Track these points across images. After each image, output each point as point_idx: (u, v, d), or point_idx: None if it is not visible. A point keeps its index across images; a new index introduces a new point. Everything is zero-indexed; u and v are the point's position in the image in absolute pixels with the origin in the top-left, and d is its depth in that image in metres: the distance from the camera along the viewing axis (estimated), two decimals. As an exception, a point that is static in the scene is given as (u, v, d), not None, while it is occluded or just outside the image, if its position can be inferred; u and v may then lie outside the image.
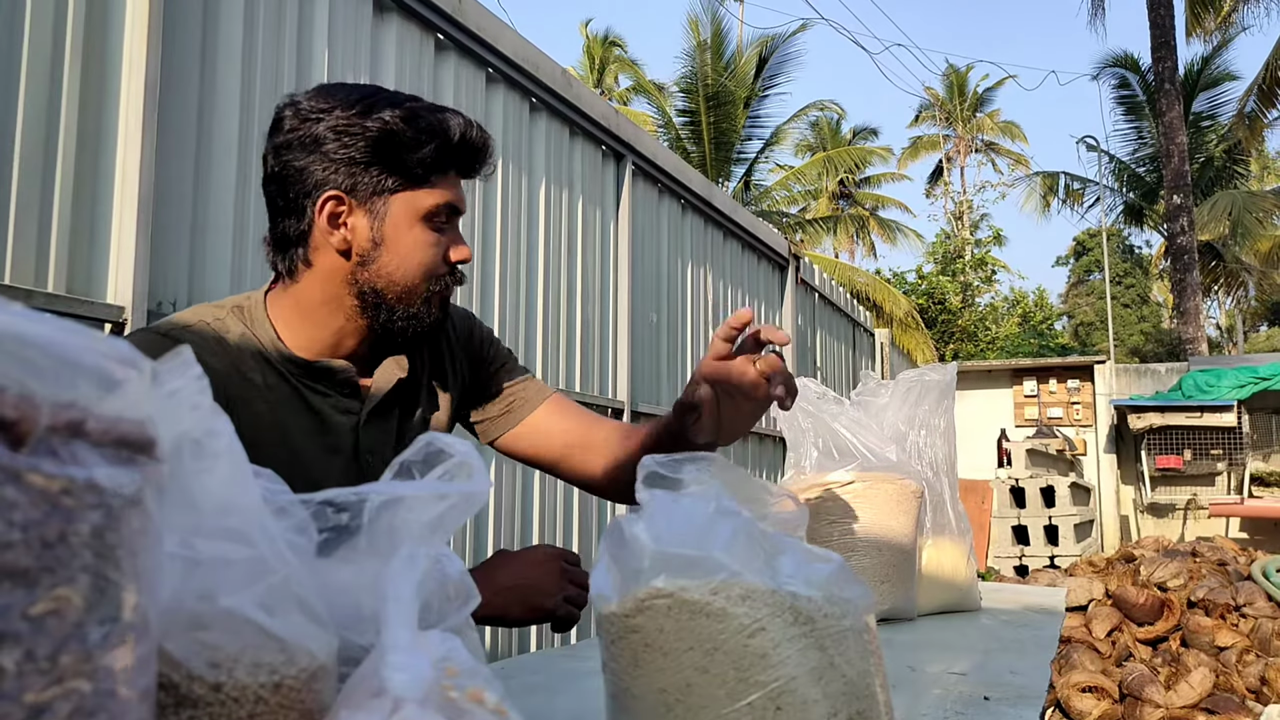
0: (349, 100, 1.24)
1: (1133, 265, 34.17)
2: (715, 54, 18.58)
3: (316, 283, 1.30)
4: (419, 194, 1.28)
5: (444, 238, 1.32)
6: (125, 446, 0.34)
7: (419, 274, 1.30)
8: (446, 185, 1.31)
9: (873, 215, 26.81)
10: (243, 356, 1.28)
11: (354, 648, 0.52)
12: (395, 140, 1.24)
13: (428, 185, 1.28)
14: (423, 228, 1.29)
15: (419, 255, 1.29)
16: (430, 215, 1.29)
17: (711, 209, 5.87)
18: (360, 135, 1.23)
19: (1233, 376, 10.53)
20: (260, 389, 1.28)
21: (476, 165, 1.34)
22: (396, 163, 1.25)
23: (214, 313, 1.32)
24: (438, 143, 1.27)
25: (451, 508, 0.52)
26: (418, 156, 1.26)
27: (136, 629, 0.34)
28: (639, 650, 0.64)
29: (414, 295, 1.30)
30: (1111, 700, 4.30)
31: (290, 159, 1.25)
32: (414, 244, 1.29)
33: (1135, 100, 20.66)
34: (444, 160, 1.29)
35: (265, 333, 1.31)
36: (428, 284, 1.31)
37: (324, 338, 1.33)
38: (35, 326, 0.31)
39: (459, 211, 1.34)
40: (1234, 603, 4.87)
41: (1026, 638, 1.69)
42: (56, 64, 2.18)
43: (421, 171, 1.27)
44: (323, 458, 1.32)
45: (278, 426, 1.28)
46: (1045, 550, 9.38)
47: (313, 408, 1.32)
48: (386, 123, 1.23)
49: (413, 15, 3.31)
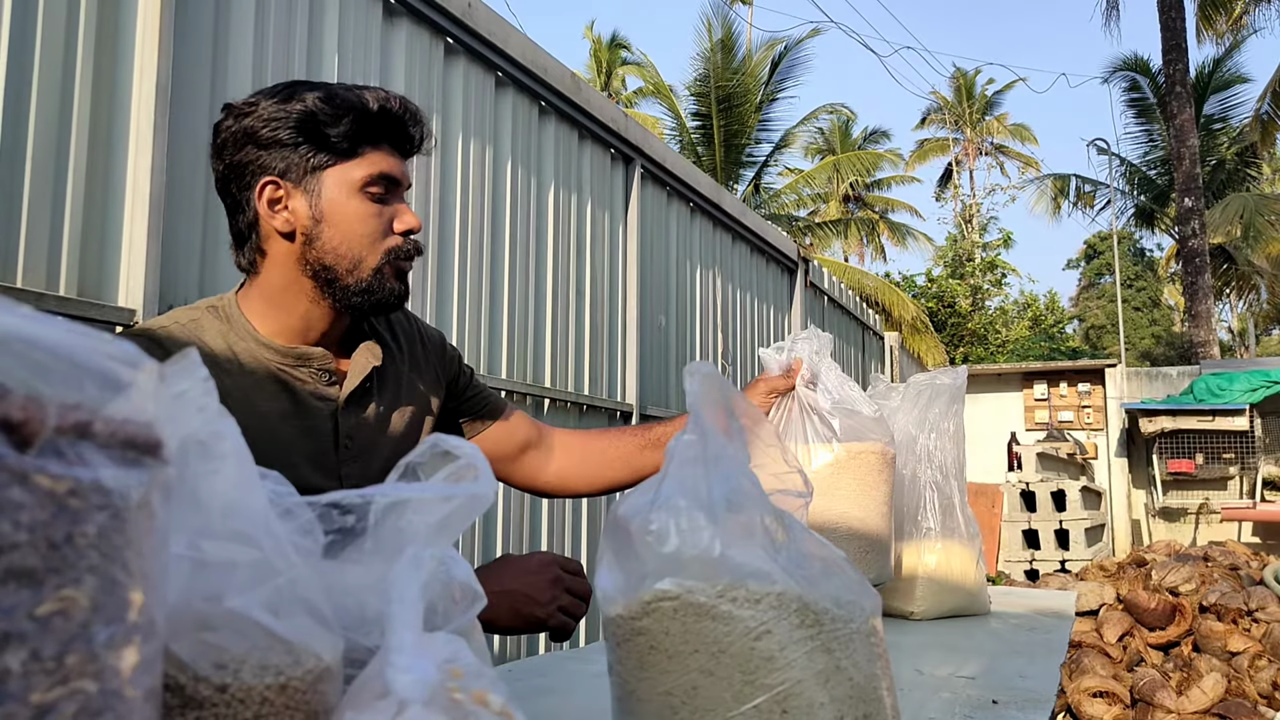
0: (273, 91, 1.32)
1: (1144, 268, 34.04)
2: (726, 57, 18.58)
3: (274, 270, 1.35)
4: (349, 166, 1.32)
5: (385, 208, 1.35)
6: (132, 448, 0.34)
7: (363, 244, 1.33)
8: (377, 156, 1.34)
9: (882, 219, 26.76)
10: (220, 350, 1.33)
11: (360, 649, 0.52)
12: (316, 119, 1.29)
13: (356, 157, 1.32)
14: (360, 199, 1.33)
15: (360, 226, 1.33)
16: (365, 185, 1.33)
17: (720, 212, 5.87)
18: (285, 119, 1.29)
19: (1245, 380, 10.47)
20: (237, 379, 1.32)
21: (405, 134, 1.37)
22: (321, 139, 1.30)
23: (189, 314, 1.37)
24: (355, 114, 1.31)
25: (457, 509, 0.52)
26: (340, 130, 1.30)
27: (142, 630, 0.35)
28: (645, 653, 0.64)
29: (363, 267, 1.34)
30: (1123, 705, 4.28)
31: (228, 157, 1.33)
32: (353, 216, 1.33)
33: (1146, 103, 20.59)
34: (366, 131, 1.32)
35: (241, 326, 1.36)
36: (375, 254, 1.34)
37: (294, 324, 1.37)
38: (42, 328, 0.31)
39: (397, 182, 1.37)
40: (1246, 608, 4.84)
41: (1036, 641, 1.68)
42: (68, 68, 2.19)
43: (347, 145, 1.31)
44: (301, 442, 1.35)
45: (256, 414, 1.31)
46: (1056, 554, 9.35)
47: (292, 392, 1.35)
48: (307, 103, 1.29)
49: (422, 19, 3.32)
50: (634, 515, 0.64)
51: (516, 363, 3.77)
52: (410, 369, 1.51)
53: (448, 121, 3.47)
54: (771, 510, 0.67)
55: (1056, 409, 12.34)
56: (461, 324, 3.46)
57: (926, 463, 1.80)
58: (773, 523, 0.67)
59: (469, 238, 3.51)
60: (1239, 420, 10.28)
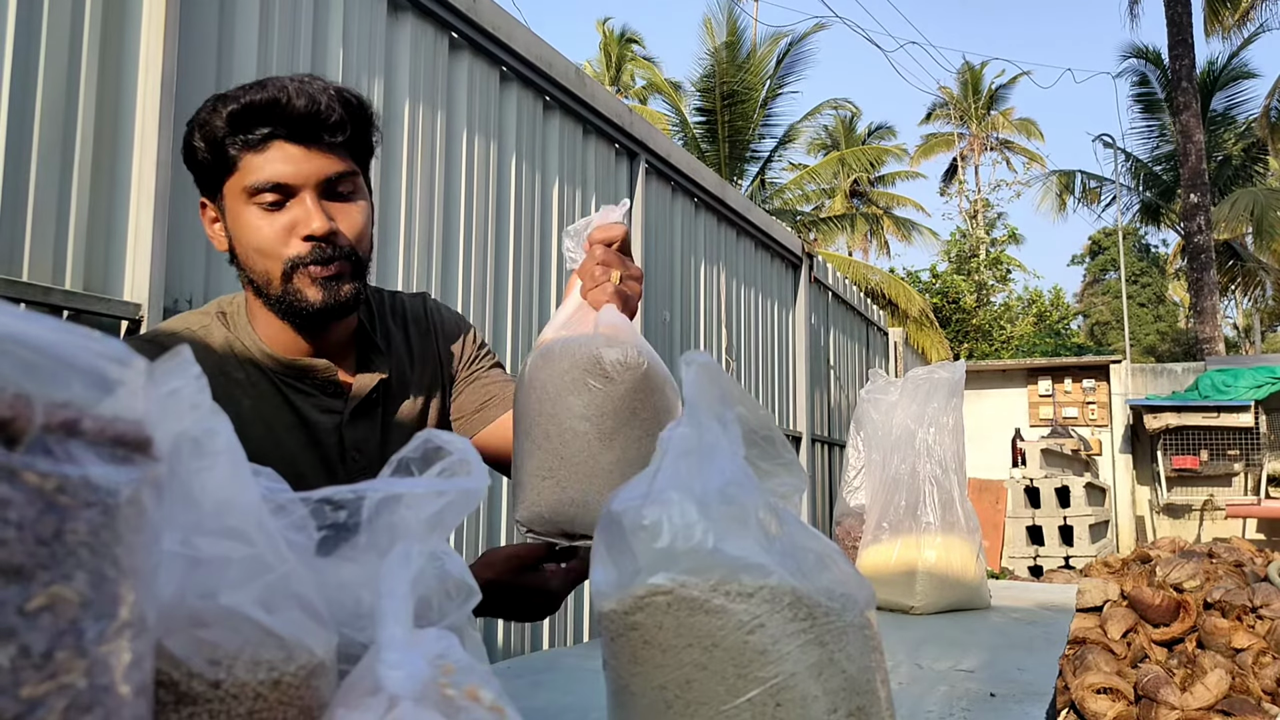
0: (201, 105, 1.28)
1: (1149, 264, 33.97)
2: (731, 52, 18.55)
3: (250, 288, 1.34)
4: (236, 178, 1.26)
5: (282, 215, 1.25)
6: (121, 445, 0.34)
7: (263, 257, 1.26)
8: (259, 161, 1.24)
9: (887, 214, 26.72)
10: (227, 359, 1.31)
11: (354, 645, 0.52)
12: (207, 134, 1.25)
13: (240, 167, 1.25)
14: (252, 210, 1.25)
15: (252, 238, 1.26)
16: (253, 196, 1.25)
17: (725, 207, 5.86)
18: (189, 140, 1.27)
19: (1250, 376, 10.46)
20: (245, 388, 1.31)
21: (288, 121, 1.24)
22: (216, 155, 1.25)
23: (200, 320, 1.35)
24: (228, 115, 1.23)
25: (450, 504, 0.53)
26: (221, 140, 1.24)
27: (133, 625, 0.35)
28: (638, 647, 0.64)
29: (271, 278, 1.27)
30: (1127, 702, 4.28)
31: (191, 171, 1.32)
32: (245, 228, 1.26)
33: (1153, 98, 20.53)
34: (242, 133, 1.23)
35: (247, 334, 1.34)
36: (277, 264, 1.26)
37: (287, 336, 1.34)
38: (31, 326, 0.31)
39: (287, 185, 1.25)
40: (1250, 604, 4.83)
41: (1035, 635, 1.68)
42: (73, 63, 2.19)
43: (233, 153, 1.24)
44: (306, 455, 1.33)
45: (261, 424, 1.30)
46: (1060, 551, 9.34)
47: (295, 406, 1.33)
48: (201, 120, 1.25)
49: (427, 14, 3.32)
50: (627, 509, 0.64)
51: (521, 357, 3.78)
52: (420, 371, 1.47)
53: (452, 116, 3.47)
54: (766, 502, 0.67)
55: (1061, 405, 12.32)
56: (466, 318, 3.46)
57: (926, 457, 1.80)
58: (767, 515, 0.67)
59: (473, 232, 3.51)
60: (1244, 417, 10.26)
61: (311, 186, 1.26)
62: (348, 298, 1.29)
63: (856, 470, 2.03)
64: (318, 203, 1.26)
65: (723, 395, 0.68)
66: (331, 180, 1.27)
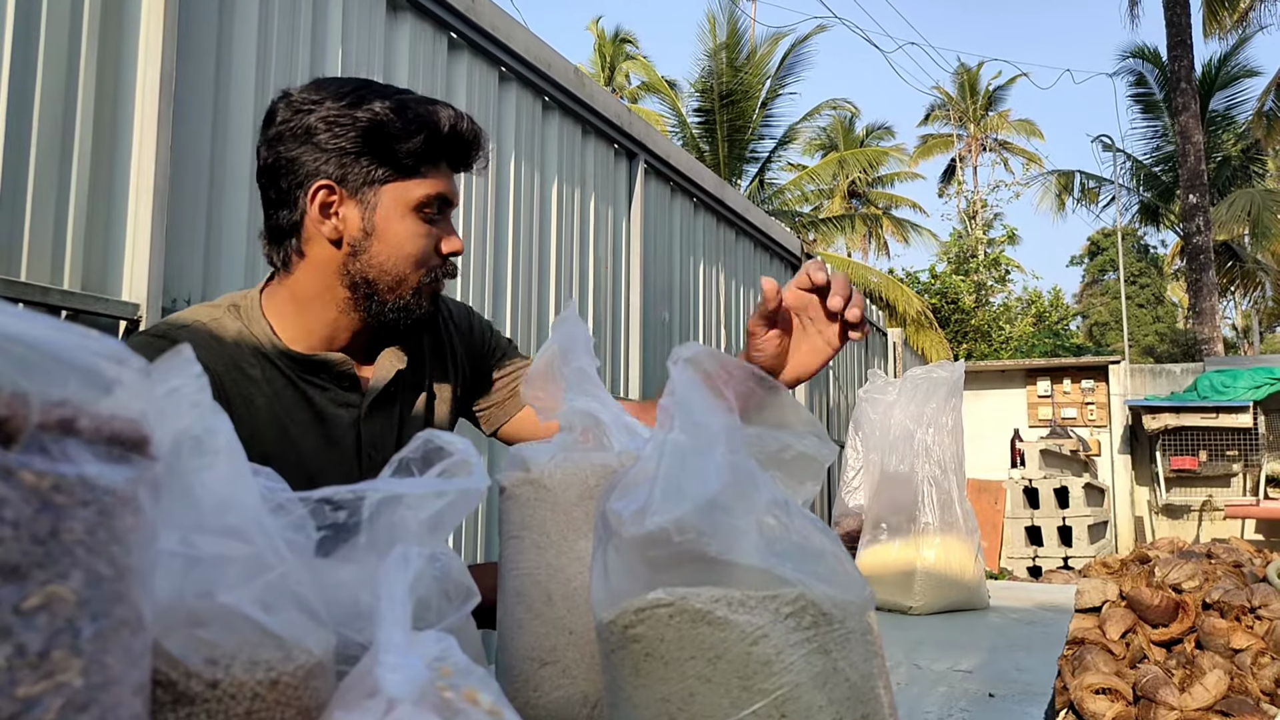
0: (340, 92, 1.26)
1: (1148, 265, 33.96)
2: (730, 53, 18.55)
3: (310, 274, 1.31)
4: (409, 184, 1.28)
5: (435, 229, 1.32)
6: (118, 444, 0.34)
7: (409, 264, 1.30)
8: (437, 176, 1.31)
9: (886, 214, 26.73)
10: (240, 354, 1.29)
11: (352, 645, 0.52)
12: (384, 131, 1.25)
13: (418, 176, 1.29)
14: (413, 218, 1.30)
15: (409, 245, 1.30)
16: (421, 206, 1.30)
17: (724, 208, 5.86)
18: (350, 126, 1.25)
19: (1248, 377, 10.46)
20: (259, 384, 1.29)
21: (468, 157, 1.35)
22: (386, 153, 1.26)
23: (210, 313, 1.33)
24: (427, 133, 1.27)
25: (450, 505, 0.52)
26: (407, 147, 1.26)
27: (130, 624, 0.35)
28: (639, 660, 0.63)
29: (405, 285, 1.31)
30: (1125, 702, 4.28)
31: (282, 150, 1.27)
32: (404, 234, 1.29)
33: (1152, 98, 20.54)
34: (433, 151, 1.29)
35: (261, 329, 1.32)
36: (418, 274, 1.31)
37: (319, 330, 1.33)
38: (27, 325, 0.31)
39: (450, 203, 1.34)
40: (1249, 605, 4.83)
41: (1034, 635, 1.68)
42: (72, 61, 2.19)
43: (411, 162, 1.28)
44: (323, 452, 1.32)
45: (277, 422, 1.29)
46: (1059, 551, 9.34)
47: (311, 402, 1.32)
48: (376, 113, 1.25)
49: (426, 14, 3.32)
50: (625, 520, 0.64)
51: (519, 358, 3.77)
52: (435, 362, 1.48)
53: (450, 116, 3.47)
54: (769, 502, 0.66)
55: (1060, 406, 12.32)
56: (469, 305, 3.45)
57: (924, 458, 1.80)
58: (769, 518, 0.66)
59: (472, 232, 3.51)
60: (1243, 417, 10.27)
61: (455, 209, 1.38)
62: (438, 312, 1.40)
63: (855, 470, 2.02)
64: None
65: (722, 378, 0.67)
66: None
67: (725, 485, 0.63)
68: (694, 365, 0.66)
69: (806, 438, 0.73)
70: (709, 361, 0.67)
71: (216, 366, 1.26)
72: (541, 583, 0.82)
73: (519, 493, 0.86)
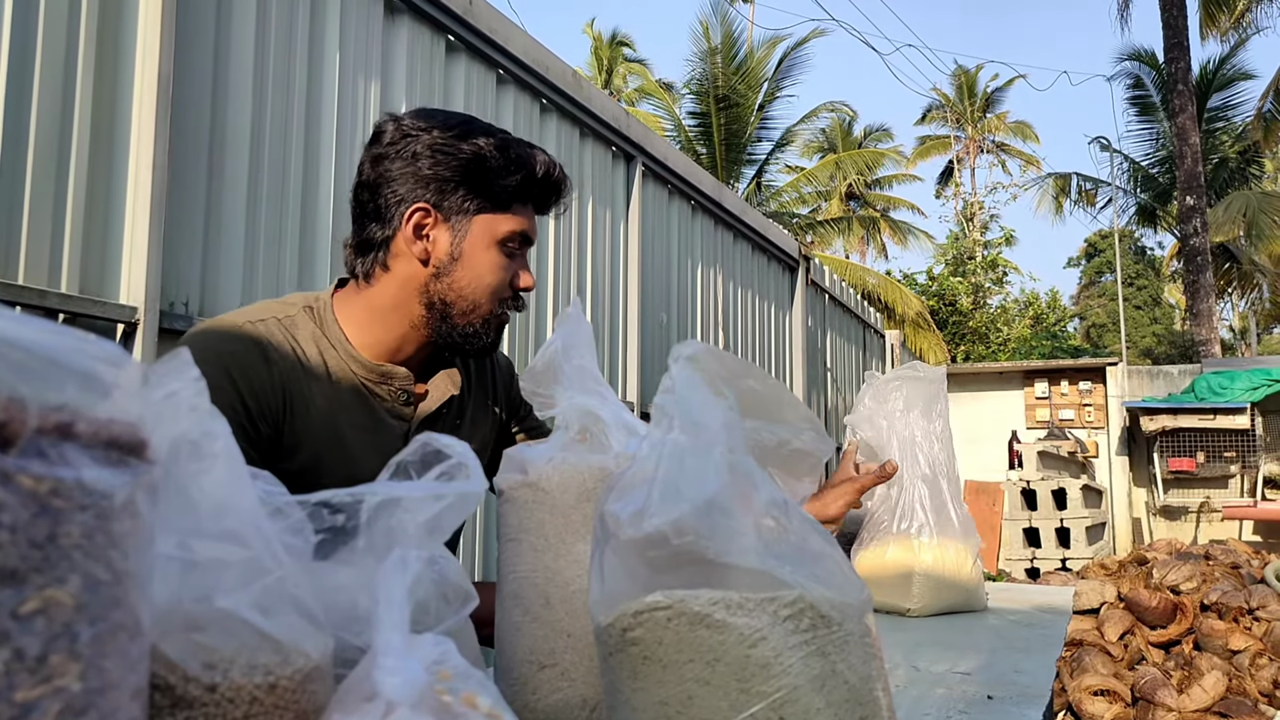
0: (447, 123, 1.34)
1: (1145, 267, 33.98)
2: (726, 56, 18.54)
3: (391, 288, 1.37)
4: (499, 218, 1.36)
5: (513, 263, 1.39)
6: (116, 448, 0.34)
7: (486, 293, 1.37)
8: (524, 215, 1.39)
9: (884, 216, 26.72)
10: (309, 353, 1.33)
11: (350, 648, 0.52)
12: (485, 165, 1.32)
13: (508, 211, 1.36)
14: (497, 251, 1.37)
15: (490, 276, 1.37)
16: (505, 240, 1.37)
17: (722, 210, 5.87)
18: (454, 155, 1.32)
19: (1246, 379, 10.46)
20: (323, 384, 1.33)
21: (553, 201, 1.43)
22: (483, 186, 1.33)
23: (283, 309, 1.37)
24: (524, 174, 1.35)
25: (448, 508, 0.52)
26: (503, 184, 1.34)
27: (128, 629, 0.35)
28: (638, 663, 0.63)
29: (478, 312, 1.37)
30: (1124, 704, 4.28)
31: (385, 169, 1.33)
32: (487, 264, 1.36)
33: (1148, 100, 20.54)
34: (525, 191, 1.37)
35: (333, 332, 1.37)
36: (491, 304, 1.38)
37: (388, 341, 1.39)
38: (24, 329, 0.31)
39: (530, 242, 1.41)
40: (1247, 606, 4.83)
41: (1033, 637, 1.68)
42: (70, 65, 2.19)
43: (505, 198, 1.35)
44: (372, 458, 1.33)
45: (333, 424, 1.32)
46: (1057, 553, 9.34)
47: (370, 408, 1.37)
48: (480, 148, 1.32)
49: (423, 16, 3.32)
50: (623, 522, 0.63)
51: (518, 360, 3.77)
52: (478, 398, 1.54)
53: (448, 119, 3.47)
54: (767, 503, 0.66)
55: (1058, 407, 12.31)
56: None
57: (914, 460, 1.81)
58: (768, 520, 0.66)
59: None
60: (1240, 419, 10.27)
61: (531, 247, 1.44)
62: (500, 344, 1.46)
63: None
64: None
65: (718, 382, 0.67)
66: None
67: (724, 486, 0.63)
68: (695, 363, 0.66)
69: (804, 433, 0.73)
70: (710, 360, 0.67)
71: (282, 365, 1.30)
72: (540, 586, 0.82)
73: (517, 495, 0.86)
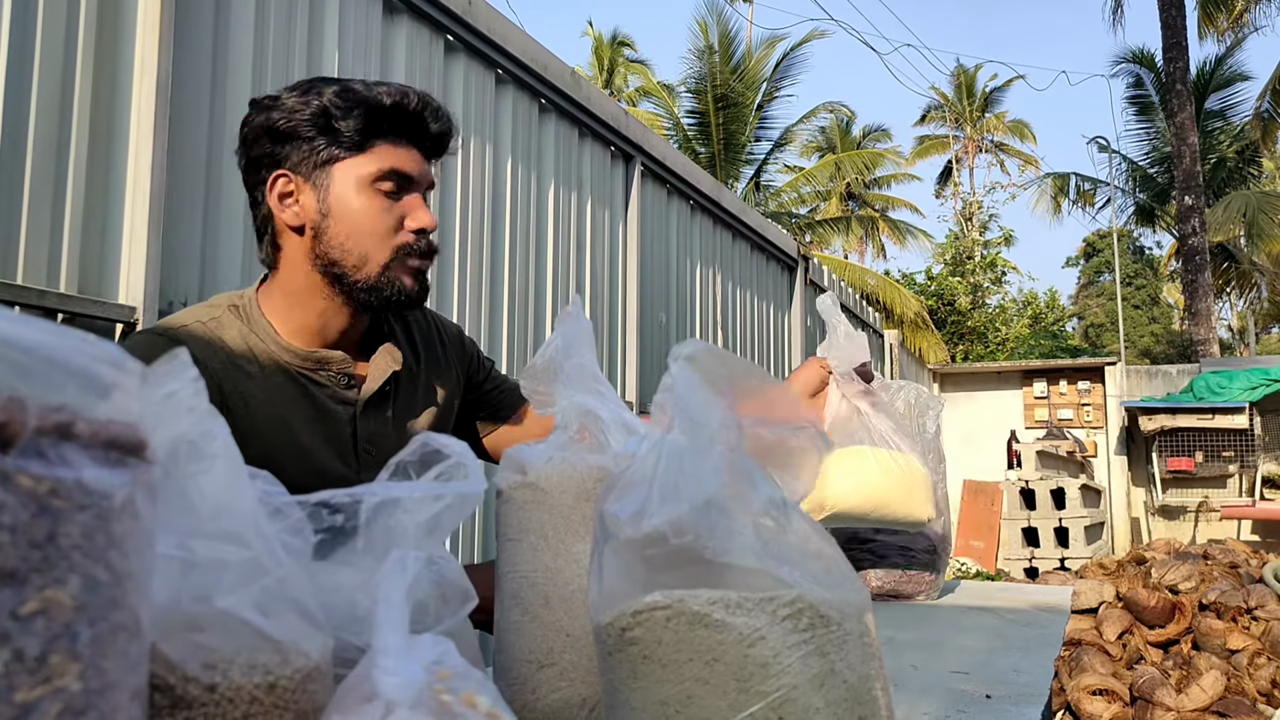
0: (295, 86, 1.32)
1: (1143, 266, 33.99)
2: (724, 56, 18.54)
3: (289, 267, 1.35)
4: (359, 160, 1.30)
5: (397, 204, 1.32)
6: (115, 448, 0.34)
7: (371, 240, 1.31)
8: (390, 151, 1.31)
9: (882, 216, 26.72)
10: (239, 352, 1.32)
11: (350, 648, 0.52)
12: (328, 113, 1.29)
13: (366, 151, 1.30)
14: (370, 195, 1.31)
15: (368, 222, 1.31)
16: (375, 181, 1.31)
17: (721, 210, 5.87)
18: (300, 113, 1.29)
19: (1244, 378, 10.46)
20: (259, 381, 1.31)
21: (425, 131, 1.35)
22: (332, 133, 1.29)
23: (209, 312, 1.35)
24: (367, 108, 1.29)
25: (447, 508, 0.52)
26: (350, 124, 1.29)
27: (128, 629, 0.35)
28: (637, 662, 0.63)
29: (372, 263, 1.31)
30: (1122, 703, 4.28)
31: (248, 150, 1.33)
32: (360, 211, 1.31)
33: (1147, 100, 20.55)
34: (378, 125, 1.30)
35: (261, 327, 1.35)
36: (384, 251, 1.32)
37: (313, 322, 1.36)
38: (24, 330, 0.31)
39: (411, 179, 1.33)
40: (1246, 605, 4.83)
41: (1031, 636, 1.69)
42: (68, 64, 2.19)
43: (359, 138, 1.29)
44: (322, 447, 1.34)
45: (277, 418, 1.31)
46: (1056, 552, 9.34)
47: (311, 397, 1.35)
48: (324, 98, 1.29)
49: (423, 17, 3.32)
50: (622, 522, 0.63)
51: (516, 360, 3.77)
52: (429, 370, 1.50)
53: (447, 119, 3.47)
54: (766, 503, 0.66)
55: (1056, 407, 12.32)
56: (461, 321, 3.45)
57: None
58: (767, 519, 0.66)
59: (469, 235, 3.51)
60: (1238, 418, 10.27)
61: (424, 186, 1.36)
62: (427, 291, 1.38)
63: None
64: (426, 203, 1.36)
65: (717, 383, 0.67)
66: (429, 189, 1.38)
67: (722, 486, 0.63)
68: (694, 363, 0.66)
69: (803, 431, 0.73)
70: (709, 359, 0.67)
71: (213, 365, 1.28)
72: (539, 585, 0.82)
73: (516, 495, 0.86)
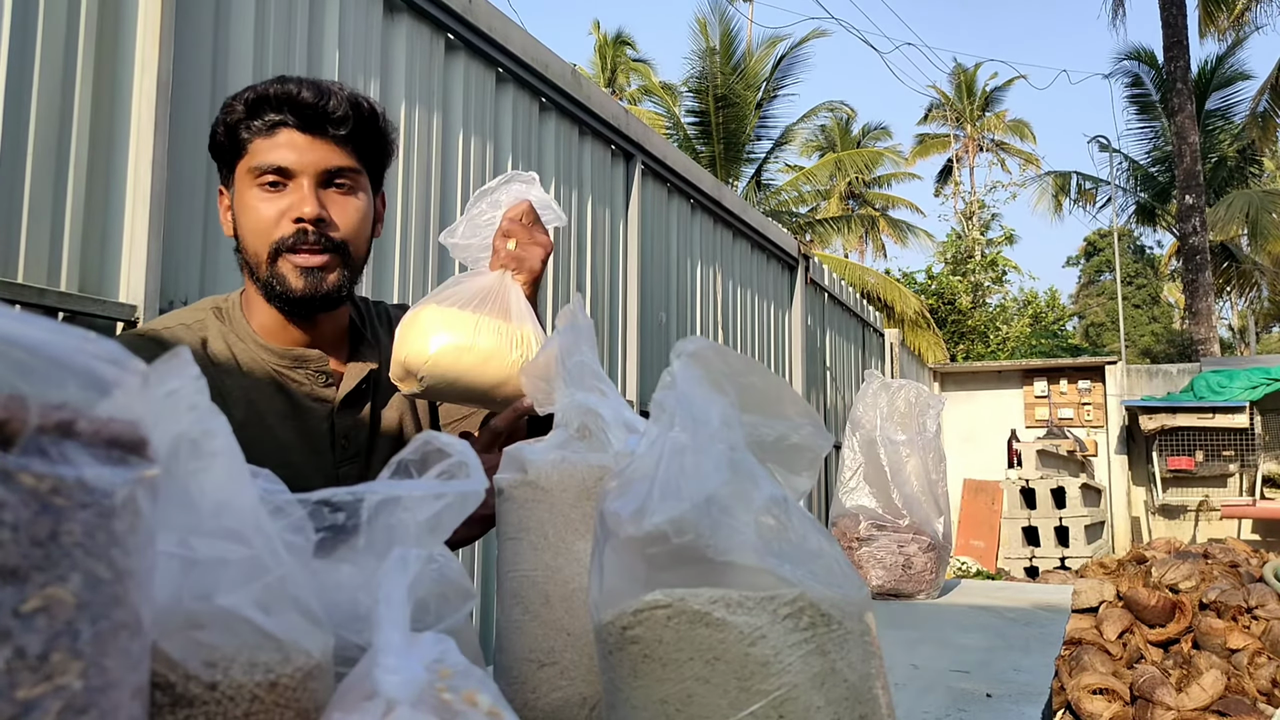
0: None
1: (1144, 265, 33.98)
2: (725, 55, 18.54)
3: (246, 272, 1.36)
4: (244, 160, 1.31)
5: (279, 198, 1.29)
6: (117, 446, 0.34)
7: (255, 238, 1.30)
8: (266, 145, 1.29)
9: (883, 215, 26.72)
10: (220, 352, 1.34)
11: (351, 647, 0.52)
12: (226, 121, 1.31)
13: (247, 151, 1.30)
14: (254, 191, 1.30)
15: (248, 219, 1.31)
16: (256, 178, 1.29)
17: (721, 209, 5.86)
18: (215, 131, 1.33)
19: (1244, 377, 10.47)
20: (236, 378, 1.33)
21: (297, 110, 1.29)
22: (231, 139, 1.31)
23: (193, 315, 1.38)
24: (245, 107, 1.29)
25: (448, 507, 0.52)
26: (235, 123, 1.30)
27: (129, 627, 0.35)
28: (637, 661, 0.63)
29: (260, 260, 1.31)
30: (1122, 702, 4.28)
31: None
32: (245, 208, 1.31)
33: (1148, 99, 20.54)
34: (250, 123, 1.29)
35: (242, 328, 1.37)
36: (264, 246, 1.30)
37: (273, 322, 1.37)
38: (25, 327, 0.31)
39: (286, 169, 1.29)
40: (1246, 605, 4.83)
41: (1031, 635, 1.69)
42: (69, 65, 2.19)
43: (245, 136, 1.30)
44: (298, 445, 1.35)
45: (254, 415, 1.32)
46: (1056, 551, 9.35)
47: (289, 394, 1.36)
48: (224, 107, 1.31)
49: (423, 15, 3.32)
50: (623, 520, 0.63)
51: (516, 359, 3.77)
52: None
53: (448, 118, 3.47)
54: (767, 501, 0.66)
55: (1057, 406, 12.33)
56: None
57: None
58: (768, 518, 0.66)
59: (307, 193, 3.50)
60: (1239, 418, 10.28)
61: (310, 174, 1.29)
62: (332, 289, 1.32)
63: (853, 471, 2.03)
64: (314, 190, 1.30)
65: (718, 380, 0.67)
66: (331, 172, 1.31)
67: (724, 484, 0.63)
68: (695, 360, 0.65)
69: (803, 427, 0.73)
70: (711, 356, 0.67)
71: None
72: (539, 584, 0.82)
73: (516, 494, 0.86)
